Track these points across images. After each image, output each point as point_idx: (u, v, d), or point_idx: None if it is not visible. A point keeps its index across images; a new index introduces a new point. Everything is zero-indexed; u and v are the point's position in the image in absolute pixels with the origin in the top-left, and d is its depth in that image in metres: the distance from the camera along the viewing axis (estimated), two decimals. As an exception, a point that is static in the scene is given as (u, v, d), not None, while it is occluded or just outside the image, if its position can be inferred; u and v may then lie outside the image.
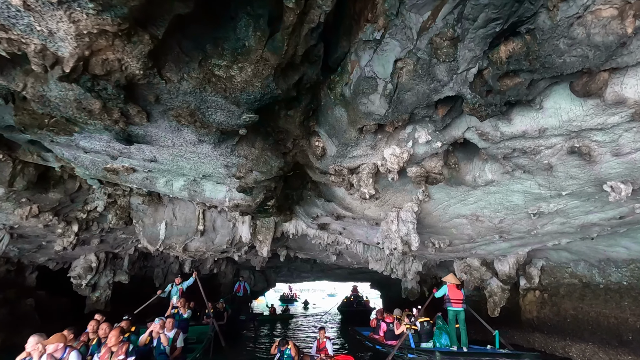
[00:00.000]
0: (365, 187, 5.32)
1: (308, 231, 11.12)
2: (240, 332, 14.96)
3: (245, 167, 5.43)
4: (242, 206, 7.69)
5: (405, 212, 6.61)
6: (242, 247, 11.65)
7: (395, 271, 11.45)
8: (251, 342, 13.33)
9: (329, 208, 8.55)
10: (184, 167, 5.92)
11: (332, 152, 5.08)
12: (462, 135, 4.62)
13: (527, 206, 6.16)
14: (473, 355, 7.07)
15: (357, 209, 7.62)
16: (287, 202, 9.12)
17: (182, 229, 10.06)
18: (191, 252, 10.56)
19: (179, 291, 10.36)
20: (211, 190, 7.37)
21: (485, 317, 12.14)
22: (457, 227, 7.54)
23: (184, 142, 4.52)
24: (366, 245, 11.12)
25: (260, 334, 15.47)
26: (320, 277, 28.45)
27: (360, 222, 9.25)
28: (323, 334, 8.64)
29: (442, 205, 6.81)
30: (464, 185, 6.05)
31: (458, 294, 7.92)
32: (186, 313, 9.40)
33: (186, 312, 9.43)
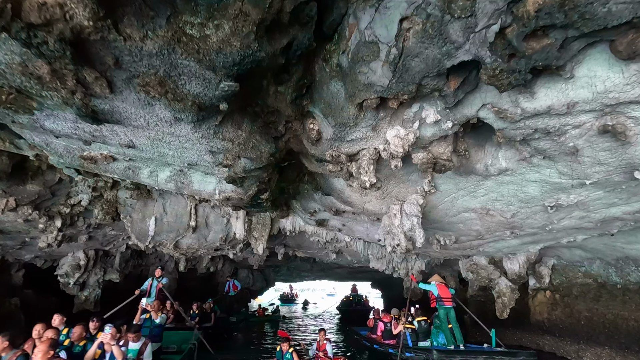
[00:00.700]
0: (366, 175, 4.73)
1: (306, 228, 10.54)
2: (231, 334, 13.92)
3: (232, 153, 4.84)
4: (233, 199, 7.11)
5: (409, 205, 6.02)
6: (237, 245, 11.07)
7: (397, 270, 10.85)
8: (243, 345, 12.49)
9: (327, 202, 7.97)
10: (167, 155, 5.34)
11: (328, 135, 4.49)
12: (475, 114, 4.03)
13: (543, 198, 5.56)
14: (470, 353, 7.00)
15: (357, 202, 7.03)
16: (282, 196, 8.54)
17: (173, 225, 9.49)
18: (183, 249, 9.99)
19: (157, 289, 9.20)
20: (200, 181, 6.80)
21: (493, 319, 11.57)
22: (465, 222, 6.94)
23: (159, 122, 3.94)
24: (367, 243, 10.53)
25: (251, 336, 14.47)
26: (321, 277, 27.91)
27: (361, 217, 8.66)
28: (323, 335, 8.12)
29: (450, 198, 6.21)
30: (474, 175, 5.46)
31: (447, 293, 7.96)
32: (158, 318, 7.65)
33: (159, 317, 7.66)
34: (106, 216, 8.85)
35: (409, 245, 6.40)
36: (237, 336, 14.01)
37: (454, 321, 7.78)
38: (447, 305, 7.85)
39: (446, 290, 8.04)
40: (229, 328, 13.83)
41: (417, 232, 6.03)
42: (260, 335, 14.92)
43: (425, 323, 8.35)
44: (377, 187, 4.94)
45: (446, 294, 7.99)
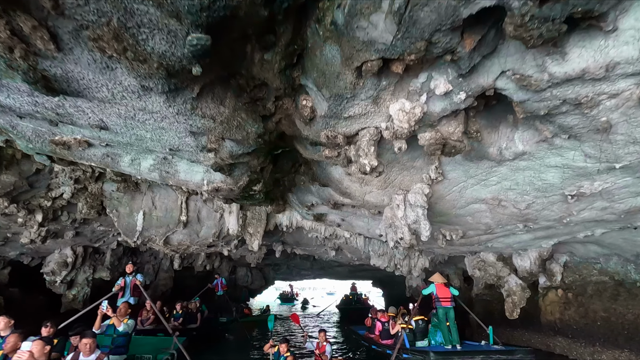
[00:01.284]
0: (366, 157, 4.15)
1: (303, 223, 9.97)
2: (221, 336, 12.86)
3: (215, 134, 4.27)
4: (222, 190, 6.54)
5: (413, 195, 5.44)
6: (231, 241, 10.51)
7: (400, 267, 10.27)
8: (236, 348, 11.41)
9: (324, 195, 7.40)
10: (145, 138, 4.78)
11: (322, 111, 3.91)
12: (492, 83, 3.44)
13: (564, 186, 4.98)
14: (467, 353, 6.90)
15: (356, 193, 6.46)
16: (277, 188, 7.97)
17: (163, 220, 8.94)
18: (173, 245, 9.43)
19: (131, 287, 8.02)
20: (186, 170, 6.23)
21: (500, 319, 10.98)
22: (474, 214, 6.36)
23: (126, 93, 3.37)
24: (367, 239, 9.95)
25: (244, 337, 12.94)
26: (321, 275, 27.31)
27: (361, 211, 8.09)
28: (323, 336, 7.57)
29: (458, 187, 5.63)
30: (486, 160, 4.88)
31: (446, 292, 7.83)
32: (122, 325, 6.11)
33: (121, 325, 6.10)
34: (91, 210, 8.31)
35: (413, 240, 5.83)
36: (228, 338, 13.01)
37: (452, 321, 7.67)
38: (446, 306, 7.73)
39: (445, 290, 7.91)
40: (218, 329, 12.85)
41: (422, 225, 5.46)
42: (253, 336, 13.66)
43: (422, 322, 8.25)
44: (378, 171, 4.36)
45: (445, 294, 7.85)
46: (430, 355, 6.53)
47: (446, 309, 7.70)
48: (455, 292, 8.08)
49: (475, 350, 7.04)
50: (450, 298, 7.81)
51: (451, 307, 7.72)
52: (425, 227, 5.45)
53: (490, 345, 7.49)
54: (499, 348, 7.15)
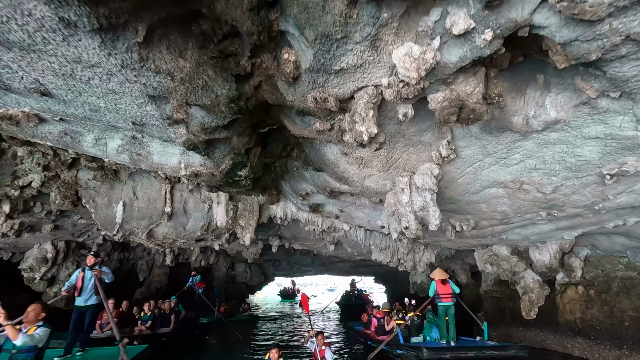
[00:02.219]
0: (363, 123, 3.30)
1: (299, 215, 9.15)
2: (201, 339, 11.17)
3: (177, 97, 3.44)
4: (202, 175, 5.73)
5: (421, 177, 4.58)
6: (222, 235, 9.71)
7: (404, 262, 9.43)
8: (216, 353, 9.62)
9: (319, 181, 6.57)
10: (100, 108, 3.96)
11: (307, 63, 3.07)
12: (528, 17, 2.58)
13: (602, 163, 4.11)
14: (460, 349, 6.80)
15: (354, 178, 5.62)
16: (268, 175, 7.14)
17: (145, 211, 8.15)
18: (158, 239, 8.65)
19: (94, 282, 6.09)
20: (160, 152, 5.43)
21: (512, 318, 10.13)
22: (489, 201, 5.50)
23: (45, 32, 2.55)
24: (368, 232, 9.12)
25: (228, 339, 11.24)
26: (322, 271, 26.52)
27: (360, 201, 7.26)
28: (322, 339, 6.68)
29: (473, 168, 4.77)
30: (509, 133, 4.02)
31: (446, 289, 7.70)
32: (19, 338, 4.05)
33: (19, 337, 4.05)
34: (65, 200, 7.52)
35: (419, 231, 4.99)
36: (209, 341, 11.20)
37: (452, 317, 7.56)
38: (446, 302, 7.59)
39: (445, 287, 7.78)
40: (196, 332, 11.10)
41: (431, 212, 4.61)
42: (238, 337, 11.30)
43: (417, 318, 8.25)
44: (378, 143, 3.53)
45: (445, 290, 7.72)
46: (423, 351, 6.47)
47: (446, 306, 7.53)
48: (457, 289, 7.83)
49: (469, 346, 6.99)
50: (450, 294, 7.64)
51: (452, 303, 7.55)
52: (434, 215, 4.60)
53: (485, 341, 7.41)
54: (493, 344, 7.10)
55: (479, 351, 6.62)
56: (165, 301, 9.90)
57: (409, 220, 4.67)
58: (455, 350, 6.80)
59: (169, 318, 9.34)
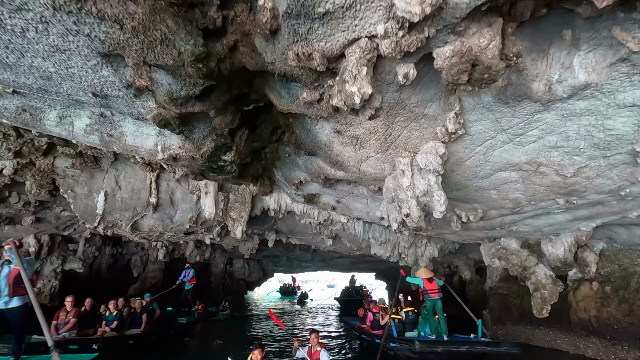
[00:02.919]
0: (355, 83, 2.70)
1: (294, 207, 8.59)
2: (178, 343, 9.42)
3: (133, 55, 2.86)
4: (182, 159, 5.16)
5: (424, 157, 3.99)
6: (213, 227, 9.16)
7: (405, 257, 8.86)
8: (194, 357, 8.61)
9: (313, 167, 5.99)
10: (51, 74, 3.40)
11: (284, 5, 2.47)
12: None
13: (638, 138, 3.50)
14: (452, 344, 6.85)
15: (350, 162, 5.03)
16: (258, 162, 6.56)
17: (129, 202, 7.60)
18: (143, 232, 8.10)
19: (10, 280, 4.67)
20: (134, 133, 4.86)
21: (519, 316, 9.55)
22: (500, 187, 4.90)
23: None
24: (367, 224, 8.54)
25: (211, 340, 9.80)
26: (322, 267, 26.04)
27: (358, 190, 6.68)
28: (316, 339, 6.07)
29: (483, 147, 4.17)
30: (528, 102, 3.41)
31: (433, 285, 7.76)
32: None
33: None
34: (41, 190, 6.99)
35: (421, 222, 4.41)
36: (188, 343, 9.69)
37: (441, 312, 7.65)
38: (433, 297, 7.66)
39: (431, 283, 7.84)
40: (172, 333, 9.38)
41: (435, 197, 4.02)
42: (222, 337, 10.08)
43: (412, 314, 8.32)
44: (373, 108, 2.93)
45: (431, 286, 7.80)
46: (416, 344, 6.52)
47: (434, 301, 7.61)
48: (440, 283, 7.95)
49: (462, 341, 7.01)
50: (437, 290, 7.69)
51: (439, 298, 7.63)
52: (439, 200, 4.01)
53: (478, 337, 7.38)
54: (485, 340, 7.08)
55: (470, 346, 6.64)
56: (137, 299, 8.62)
57: (411, 207, 4.08)
58: (447, 344, 6.83)
59: (139, 318, 8.05)
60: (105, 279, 16.02)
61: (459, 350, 6.59)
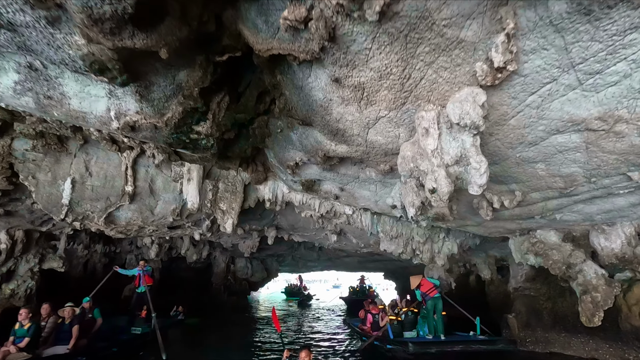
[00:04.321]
0: None
1: (291, 197, 7.45)
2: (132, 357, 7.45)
3: None
4: (142, 128, 4.08)
5: (458, 106, 2.79)
6: (202, 221, 8.07)
7: (419, 254, 7.64)
8: None
9: (309, 143, 4.85)
10: None
11: None
12: None
13: None
14: (447, 343, 6.86)
15: (353, 129, 3.87)
16: (245, 140, 5.45)
17: (101, 191, 6.55)
18: (120, 225, 7.04)
19: None
20: (79, 95, 3.78)
21: (552, 321, 8.25)
22: (553, 158, 3.67)
23: None
24: (376, 216, 7.35)
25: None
26: (328, 267, 24.89)
27: (365, 173, 5.52)
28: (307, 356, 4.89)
29: (538, 97, 2.95)
30: (625, 9, 2.21)
31: (427, 285, 7.82)
32: None
33: None
34: (-4, 176, 5.96)
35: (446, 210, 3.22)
36: (143, 357, 7.62)
37: (439, 312, 7.66)
38: (434, 295, 7.69)
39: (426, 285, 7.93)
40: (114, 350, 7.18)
41: (473, 164, 2.83)
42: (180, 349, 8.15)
43: (411, 313, 8.27)
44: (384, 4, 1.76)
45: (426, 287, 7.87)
46: (409, 345, 6.45)
47: (435, 300, 7.60)
48: (436, 282, 7.94)
49: (457, 341, 7.01)
50: (433, 287, 7.67)
51: (439, 295, 7.66)
52: (479, 168, 2.83)
53: (477, 335, 7.35)
54: (482, 338, 7.09)
55: (465, 345, 6.64)
56: (66, 306, 6.26)
57: (438, 179, 2.90)
58: (441, 344, 6.79)
59: (68, 331, 5.88)
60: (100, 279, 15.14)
61: (454, 349, 6.57)
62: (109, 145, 5.56)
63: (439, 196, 2.93)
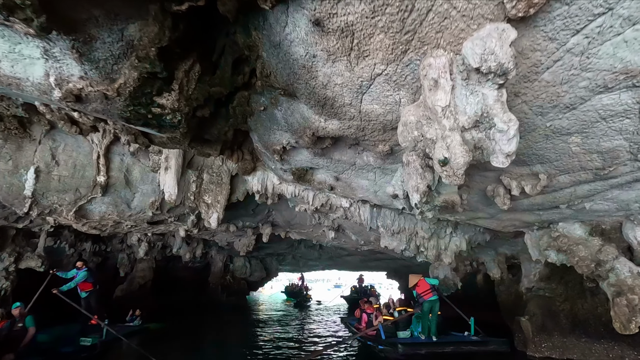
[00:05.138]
0: None
1: (283, 189, 6.72)
2: None
3: None
4: (91, 99, 3.38)
5: (479, 44, 2.04)
6: (186, 216, 7.36)
7: (424, 251, 6.88)
8: None
9: (295, 120, 4.13)
10: None
11: None
12: None
13: None
14: (437, 345, 6.74)
15: (344, 95, 3.14)
16: (224, 120, 4.73)
17: (70, 182, 5.86)
18: (93, 220, 6.35)
19: None
20: (9, 55, 3.13)
21: (572, 325, 7.45)
22: (593, 127, 2.91)
23: None
24: (375, 209, 6.60)
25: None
26: (330, 266, 24.13)
27: (362, 158, 4.79)
28: None
29: (583, 37, 2.20)
30: None
31: (424, 286, 7.49)
32: None
33: None
34: (-51, 164, 5.29)
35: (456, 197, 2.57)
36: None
37: (435, 313, 7.45)
38: (430, 297, 7.40)
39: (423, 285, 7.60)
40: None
41: (500, 123, 2.08)
42: None
43: (405, 313, 8.09)
44: None
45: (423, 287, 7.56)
46: (398, 346, 6.43)
47: (432, 302, 7.34)
48: (435, 282, 7.58)
49: (448, 342, 6.90)
50: (430, 288, 7.36)
51: (436, 297, 7.38)
52: (507, 130, 2.08)
53: (470, 336, 7.27)
54: (474, 339, 7.00)
55: (456, 347, 6.58)
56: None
57: (451, 145, 2.15)
58: (432, 345, 6.68)
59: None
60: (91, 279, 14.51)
61: (444, 350, 6.49)
62: (68, 126, 4.85)
63: (452, 169, 2.18)
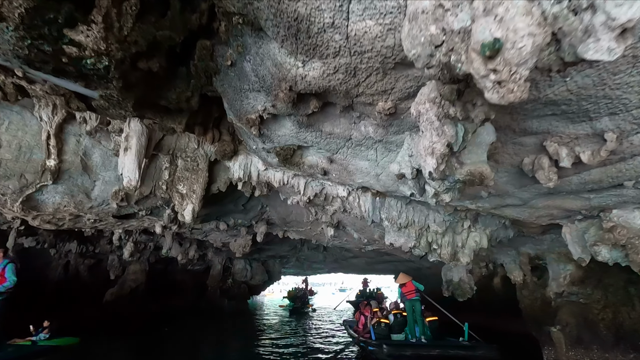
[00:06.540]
0: None
1: (269, 175, 5.68)
2: None
3: None
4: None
5: None
6: (161, 209, 6.34)
7: (437, 249, 5.72)
8: None
9: (267, 71, 3.12)
10: None
11: None
12: None
13: None
14: (423, 347, 6.74)
15: (323, 9, 2.07)
16: (183, 81, 3.71)
17: (13, 166, 4.91)
18: (46, 212, 5.37)
19: None
20: None
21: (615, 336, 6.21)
22: None
23: None
24: (378, 198, 5.48)
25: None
26: (335, 269, 23.02)
27: (360, 128, 3.78)
28: None
29: None
30: None
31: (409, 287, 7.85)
32: None
33: None
34: None
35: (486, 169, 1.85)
36: None
37: (419, 315, 7.62)
38: (411, 298, 7.70)
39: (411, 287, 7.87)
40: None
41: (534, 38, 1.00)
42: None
43: (400, 316, 8.10)
44: None
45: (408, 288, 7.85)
46: (383, 347, 6.47)
47: (412, 302, 7.61)
48: (420, 287, 7.82)
49: (435, 345, 6.86)
50: (414, 290, 7.67)
51: (417, 298, 7.61)
52: None
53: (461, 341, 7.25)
54: (464, 344, 6.94)
55: (443, 350, 6.54)
56: None
57: (507, 16, 1.07)
58: (417, 347, 6.68)
59: None
60: (84, 283, 13.64)
61: (430, 353, 6.43)
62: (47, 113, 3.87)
63: (507, 65, 1.10)
